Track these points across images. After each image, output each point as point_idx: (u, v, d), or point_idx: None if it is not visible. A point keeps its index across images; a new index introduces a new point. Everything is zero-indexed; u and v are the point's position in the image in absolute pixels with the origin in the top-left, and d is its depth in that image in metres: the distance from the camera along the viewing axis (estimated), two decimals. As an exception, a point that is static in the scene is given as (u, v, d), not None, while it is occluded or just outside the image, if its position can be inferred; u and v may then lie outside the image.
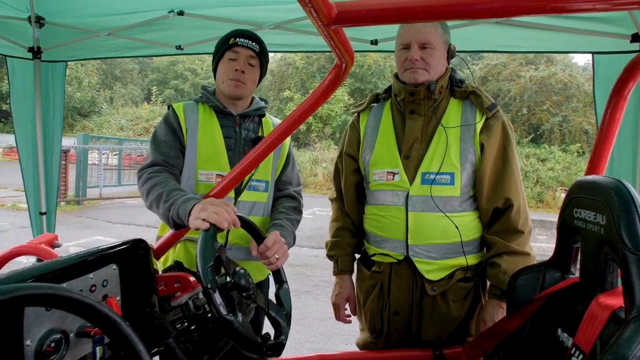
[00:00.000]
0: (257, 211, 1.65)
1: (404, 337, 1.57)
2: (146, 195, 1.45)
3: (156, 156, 1.55)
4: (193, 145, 1.59)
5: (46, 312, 0.88)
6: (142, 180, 1.51)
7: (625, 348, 0.80)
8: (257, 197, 1.65)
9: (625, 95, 1.32)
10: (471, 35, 2.47)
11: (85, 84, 26.02)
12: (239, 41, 1.61)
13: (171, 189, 1.40)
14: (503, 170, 1.51)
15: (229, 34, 1.65)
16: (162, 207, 1.37)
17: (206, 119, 1.64)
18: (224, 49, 1.63)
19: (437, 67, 1.53)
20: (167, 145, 1.57)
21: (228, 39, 1.63)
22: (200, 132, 1.60)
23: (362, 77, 22.15)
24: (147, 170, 1.52)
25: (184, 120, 1.61)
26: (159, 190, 1.41)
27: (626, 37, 2.13)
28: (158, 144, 1.58)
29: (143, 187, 1.48)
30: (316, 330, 4.05)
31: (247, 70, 1.62)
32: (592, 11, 0.93)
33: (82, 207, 11.09)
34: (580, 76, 20.05)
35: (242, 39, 1.61)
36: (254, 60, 1.64)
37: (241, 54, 1.61)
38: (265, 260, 1.40)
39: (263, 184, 1.67)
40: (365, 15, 0.85)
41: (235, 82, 1.61)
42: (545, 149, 17.32)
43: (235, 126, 1.66)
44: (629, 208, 0.93)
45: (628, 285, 0.89)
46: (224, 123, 1.65)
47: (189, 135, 1.60)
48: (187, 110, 1.64)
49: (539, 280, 1.27)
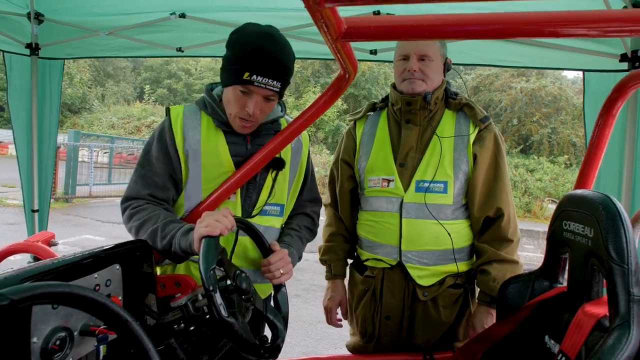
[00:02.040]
0: (268, 237, 1.43)
1: (394, 341, 1.61)
2: (136, 233, 1.32)
3: (140, 190, 1.36)
4: (197, 170, 1.37)
5: (52, 310, 0.90)
6: (127, 216, 1.35)
7: (608, 354, 0.84)
8: (270, 221, 1.46)
9: (614, 114, 1.38)
10: (467, 49, 2.54)
11: (76, 80, 25.73)
12: (255, 80, 1.25)
13: (164, 224, 1.27)
14: (494, 180, 1.56)
15: (243, 60, 1.25)
16: (159, 243, 1.26)
17: (210, 137, 1.38)
18: (234, 80, 1.28)
19: (434, 78, 1.58)
20: (156, 172, 1.37)
21: (241, 70, 1.25)
22: (204, 154, 1.37)
23: (356, 83, 22.23)
24: (131, 204, 1.36)
25: (183, 140, 1.36)
26: (151, 227, 1.28)
27: (615, 57, 2.21)
28: (146, 168, 1.38)
29: (130, 223, 1.33)
30: (306, 333, 4.07)
31: (262, 109, 1.33)
32: (585, 36, 0.99)
33: (71, 205, 10.97)
34: (569, 89, 20.41)
35: (259, 78, 1.25)
36: (273, 97, 1.32)
37: (256, 94, 1.29)
38: (268, 274, 1.35)
39: (277, 208, 1.47)
40: (372, 32, 0.89)
41: (243, 121, 1.35)
42: (534, 160, 17.56)
43: (246, 143, 1.41)
44: (616, 222, 0.98)
45: (613, 295, 0.94)
46: (232, 140, 1.40)
47: (191, 159, 1.37)
48: (187, 124, 1.38)
49: (528, 288, 1.32)
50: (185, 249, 1.23)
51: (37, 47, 2.95)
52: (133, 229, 1.33)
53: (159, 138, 1.39)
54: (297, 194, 1.56)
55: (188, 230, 1.23)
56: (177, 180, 1.40)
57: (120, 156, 15.19)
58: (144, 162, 1.39)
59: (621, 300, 0.92)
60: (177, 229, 1.26)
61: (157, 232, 1.27)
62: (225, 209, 1.21)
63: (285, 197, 1.51)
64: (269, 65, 1.26)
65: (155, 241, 1.28)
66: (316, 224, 1.62)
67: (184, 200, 1.42)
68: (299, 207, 1.59)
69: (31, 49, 2.95)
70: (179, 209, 1.44)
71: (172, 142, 1.37)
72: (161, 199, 1.38)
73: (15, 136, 3.00)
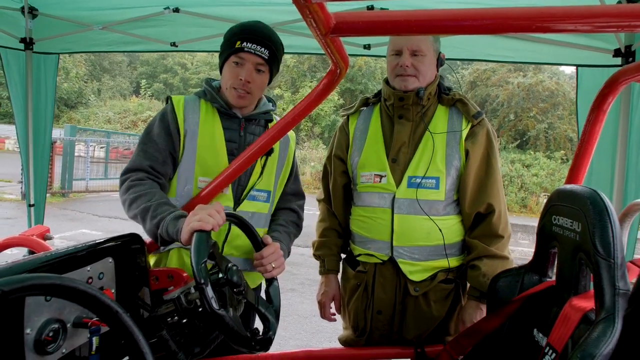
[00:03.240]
0: (257, 222, 1.53)
1: (385, 335, 1.62)
2: (129, 205, 1.35)
3: (142, 161, 1.42)
4: (192, 150, 1.46)
5: (46, 302, 0.91)
6: (124, 187, 1.39)
7: (593, 347, 0.86)
8: (257, 207, 1.54)
9: (605, 109, 1.39)
10: (461, 44, 2.54)
11: (72, 74, 25.61)
12: (246, 46, 1.42)
13: (158, 204, 1.30)
14: (486, 176, 1.57)
15: (235, 33, 1.45)
16: (149, 222, 1.29)
17: (208, 120, 1.49)
18: (229, 52, 1.45)
19: (427, 74, 1.59)
20: (157, 148, 1.43)
21: (234, 41, 1.44)
22: (200, 135, 1.47)
23: (353, 78, 22.22)
24: (131, 176, 1.40)
25: (183, 120, 1.46)
26: (144, 203, 1.31)
27: (609, 52, 2.22)
28: (148, 143, 1.45)
29: (126, 195, 1.37)
30: (301, 327, 4.10)
31: (254, 79, 1.46)
32: (574, 32, 0.99)
33: (68, 200, 10.95)
34: (566, 84, 20.42)
35: (249, 44, 1.42)
36: (263, 67, 1.46)
37: (247, 61, 1.44)
38: (261, 267, 1.39)
39: (265, 194, 1.56)
40: (361, 27, 0.90)
41: (238, 92, 1.46)
42: (530, 155, 17.60)
43: (239, 130, 1.52)
44: (603, 217, 0.99)
45: (599, 289, 0.95)
46: (227, 125, 1.51)
47: (188, 138, 1.46)
48: (187, 108, 1.49)
49: (518, 282, 1.33)
50: (172, 235, 1.24)
51: (31, 41, 2.94)
52: (127, 201, 1.35)
53: (161, 118, 1.48)
54: (283, 185, 1.65)
55: (178, 217, 1.25)
56: (176, 157, 1.47)
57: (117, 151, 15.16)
58: (146, 139, 1.46)
59: (607, 294, 0.93)
60: (169, 212, 1.27)
61: (149, 211, 1.29)
62: (218, 204, 1.23)
63: (273, 184, 1.59)
64: (257, 35, 1.44)
65: (145, 219, 1.30)
66: (301, 218, 1.70)
67: (177, 180, 1.48)
68: (284, 201, 1.67)
69: (25, 44, 2.93)
70: (171, 188, 1.49)
71: (174, 121, 1.46)
72: (160, 172, 1.43)
73: (17, 131, 3.00)
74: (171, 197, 1.47)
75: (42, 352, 0.90)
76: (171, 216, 1.26)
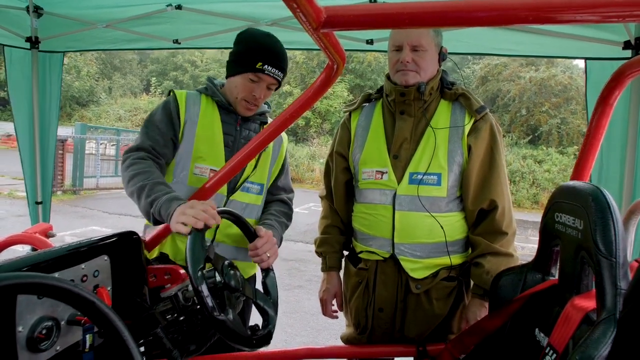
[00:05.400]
0: (250, 213, 1.62)
1: (387, 333, 1.60)
2: (127, 182, 1.41)
3: (144, 141, 1.50)
4: (191, 137, 1.54)
5: (38, 300, 0.91)
6: (125, 164, 1.46)
7: (592, 348, 0.83)
8: (250, 199, 1.62)
9: (612, 102, 1.35)
10: (467, 37, 2.50)
11: (84, 73, 25.89)
12: (267, 70, 1.49)
13: (154, 183, 1.36)
14: (489, 172, 1.54)
15: (257, 52, 1.49)
16: (143, 200, 1.34)
17: (208, 112, 1.57)
18: (247, 68, 1.50)
19: (428, 69, 1.56)
20: (159, 132, 1.51)
21: (254, 60, 1.48)
22: (199, 124, 1.55)
23: (362, 74, 22.13)
24: (132, 155, 1.47)
25: (185, 110, 1.54)
26: (141, 181, 1.37)
27: (618, 44, 2.16)
28: (150, 127, 1.52)
29: (126, 172, 1.43)
30: (307, 324, 4.09)
31: (265, 96, 1.57)
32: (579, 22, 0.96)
33: (79, 197, 11.09)
34: (580, 78, 20.05)
35: (270, 68, 1.49)
36: (274, 86, 1.56)
37: (264, 81, 1.52)
38: (256, 257, 1.42)
39: (257, 186, 1.64)
40: (353, 20, 0.87)
41: (249, 105, 1.56)
42: (542, 151, 17.38)
43: (236, 125, 1.60)
44: (605, 214, 0.96)
45: (600, 288, 0.93)
46: (225, 119, 1.59)
47: (188, 127, 1.54)
48: (189, 99, 1.57)
49: (520, 281, 1.31)
50: (163, 217, 1.28)
51: (37, 40, 2.96)
52: (126, 178, 1.41)
53: (164, 106, 1.55)
54: (274, 178, 1.72)
55: (172, 199, 1.28)
56: (176, 143, 1.54)
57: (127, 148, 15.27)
58: (148, 124, 1.53)
59: (608, 294, 0.91)
60: (164, 193, 1.32)
61: (145, 189, 1.34)
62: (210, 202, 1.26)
63: (266, 177, 1.67)
64: (277, 58, 1.51)
65: (140, 196, 1.35)
66: (291, 210, 1.77)
67: (174, 165, 1.55)
68: (275, 193, 1.74)
69: (31, 43, 2.96)
70: (169, 173, 1.55)
71: (176, 110, 1.54)
72: (160, 153, 1.50)
73: (17, 130, 3.03)
74: (168, 181, 1.52)
75: (34, 350, 0.89)
76: (165, 198, 1.30)
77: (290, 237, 7.12)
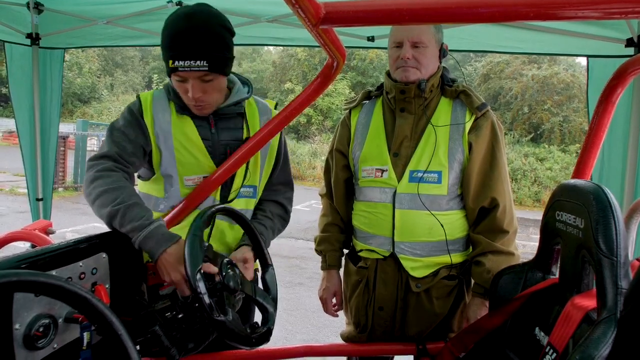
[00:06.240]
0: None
1: (387, 332, 1.60)
2: (93, 201, 1.24)
3: (110, 147, 1.32)
4: (169, 151, 1.38)
5: (35, 297, 0.91)
6: (90, 177, 1.27)
7: (592, 348, 0.83)
8: (246, 204, 1.51)
9: (614, 101, 1.34)
10: (468, 35, 2.48)
11: (85, 69, 25.90)
12: (180, 66, 1.24)
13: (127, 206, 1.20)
14: (490, 170, 1.53)
15: (166, 47, 1.26)
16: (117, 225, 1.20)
17: (179, 118, 1.40)
18: (167, 69, 1.29)
19: (429, 65, 1.55)
20: (126, 138, 1.34)
21: (167, 59, 1.26)
22: (174, 133, 1.38)
23: (364, 71, 22.08)
24: (97, 165, 1.29)
25: (153, 120, 1.38)
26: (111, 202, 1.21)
27: (621, 42, 2.14)
28: (115, 133, 1.35)
29: (91, 186, 1.25)
30: (307, 321, 4.10)
31: (205, 90, 1.31)
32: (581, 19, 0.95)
33: (80, 194, 11.09)
34: (582, 76, 19.93)
35: (182, 63, 1.23)
36: (209, 75, 1.28)
37: (189, 77, 1.27)
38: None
39: (251, 189, 1.51)
40: (353, 16, 0.87)
41: (195, 106, 1.36)
42: (544, 149, 17.33)
43: (210, 127, 1.43)
44: (606, 213, 0.95)
45: (601, 287, 0.92)
46: (198, 123, 1.41)
47: (161, 137, 1.38)
48: (156, 106, 1.39)
49: (521, 279, 1.30)
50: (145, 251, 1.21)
51: (37, 37, 2.96)
52: (92, 195, 1.24)
53: (129, 113, 1.39)
54: (268, 175, 1.58)
55: (149, 236, 1.18)
56: (146, 151, 1.38)
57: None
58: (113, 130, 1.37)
59: (609, 293, 0.90)
60: (140, 228, 1.18)
61: (117, 215, 1.20)
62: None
63: (258, 178, 1.54)
64: (188, 47, 1.23)
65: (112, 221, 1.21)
66: (288, 212, 1.63)
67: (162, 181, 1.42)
68: (271, 192, 1.60)
69: (32, 39, 2.95)
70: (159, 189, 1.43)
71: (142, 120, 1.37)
72: (129, 161, 1.34)
73: (18, 126, 3.03)
74: (159, 197, 1.43)
75: (31, 348, 0.90)
76: (144, 234, 1.18)
77: (291, 235, 7.12)
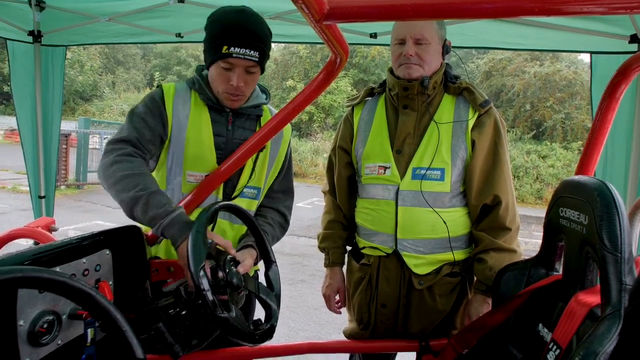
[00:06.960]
0: None
1: (390, 329, 1.60)
2: (113, 183, 1.26)
3: (130, 132, 1.34)
4: (180, 142, 1.41)
5: (39, 294, 0.91)
6: (110, 159, 1.28)
7: (597, 344, 0.82)
8: (248, 204, 1.51)
9: (618, 97, 1.33)
10: (471, 31, 2.47)
11: (87, 67, 25.91)
12: (234, 52, 1.31)
13: (150, 192, 1.23)
14: (493, 167, 1.52)
15: (220, 35, 1.32)
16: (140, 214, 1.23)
17: (197, 113, 1.43)
18: (215, 55, 1.34)
19: (432, 62, 1.54)
20: (146, 125, 1.37)
21: (220, 45, 1.32)
22: (189, 127, 1.41)
23: (366, 69, 22.02)
24: (117, 149, 1.31)
25: (172, 111, 1.41)
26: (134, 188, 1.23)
27: (625, 38, 2.13)
28: (135, 119, 1.37)
29: (110, 169, 1.27)
30: (310, 319, 4.11)
31: (246, 81, 1.38)
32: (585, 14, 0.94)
33: (82, 191, 11.12)
34: (585, 73, 19.85)
35: (237, 50, 1.31)
36: (254, 68, 1.37)
37: (237, 66, 1.34)
38: None
39: (254, 190, 1.52)
40: (356, 12, 0.86)
41: (231, 96, 1.40)
42: (546, 146, 17.27)
43: (227, 123, 1.46)
44: (610, 209, 0.95)
45: (605, 284, 0.92)
46: (216, 118, 1.45)
47: (176, 129, 1.41)
48: (177, 98, 1.43)
49: (524, 276, 1.30)
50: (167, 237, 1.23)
51: (39, 34, 2.95)
52: (112, 178, 1.26)
53: (150, 100, 1.42)
54: (272, 180, 1.59)
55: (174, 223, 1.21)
56: (164, 140, 1.41)
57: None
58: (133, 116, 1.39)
59: (613, 290, 0.90)
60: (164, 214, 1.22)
61: (140, 201, 1.22)
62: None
63: (263, 181, 1.54)
64: (244, 36, 1.32)
65: (133, 209, 1.24)
66: (288, 221, 1.64)
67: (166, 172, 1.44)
68: (272, 200, 1.61)
69: (34, 37, 2.95)
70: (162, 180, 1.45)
71: (163, 107, 1.41)
72: (147, 148, 1.36)
73: (20, 124, 3.03)
74: (162, 187, 1.44)
75: (36, 344, 0.90)
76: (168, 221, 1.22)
77: (294, 232, 7.12)
